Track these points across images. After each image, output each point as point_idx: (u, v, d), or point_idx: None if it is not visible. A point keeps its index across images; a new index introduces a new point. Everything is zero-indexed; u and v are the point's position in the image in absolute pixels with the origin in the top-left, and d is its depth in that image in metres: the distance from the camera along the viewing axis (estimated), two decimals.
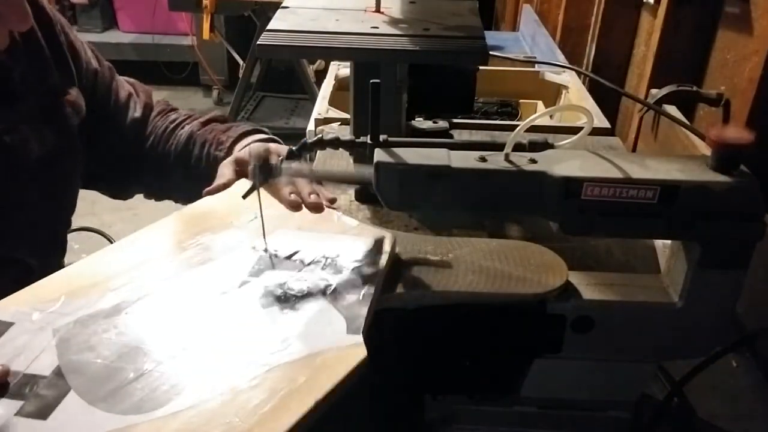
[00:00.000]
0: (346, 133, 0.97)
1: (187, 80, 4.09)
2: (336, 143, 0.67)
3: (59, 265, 0.92)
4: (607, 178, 0.58)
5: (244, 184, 0.76)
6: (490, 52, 0.81)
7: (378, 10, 0.91)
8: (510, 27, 2.76)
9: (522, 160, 0.60)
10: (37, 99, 0.80)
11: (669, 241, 0.67)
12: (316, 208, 0.72)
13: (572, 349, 0.66)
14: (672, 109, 1.10)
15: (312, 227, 0.72)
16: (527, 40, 2.08)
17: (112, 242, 1.07)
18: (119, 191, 1.02)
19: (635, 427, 0.72)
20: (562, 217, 0.60)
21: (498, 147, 0.62)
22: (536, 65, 1.56)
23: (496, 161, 0.60)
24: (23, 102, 0.79)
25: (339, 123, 1.19)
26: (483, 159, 0.61)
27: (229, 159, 0.83)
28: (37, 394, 0.50)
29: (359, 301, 0.61)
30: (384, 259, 0.66)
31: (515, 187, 0.60)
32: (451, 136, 1.02)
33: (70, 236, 0.92)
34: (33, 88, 0.80)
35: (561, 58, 1.69)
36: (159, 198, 1.02)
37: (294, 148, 0.68)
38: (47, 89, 0.82)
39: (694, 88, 1.14)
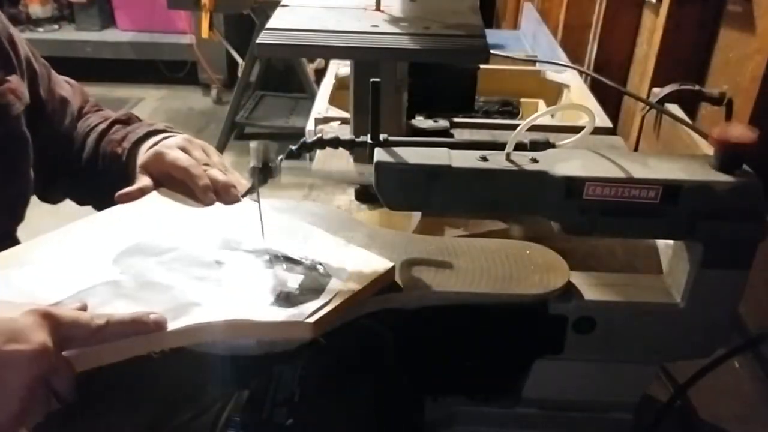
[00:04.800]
0: (345, 133, 0.96)
1: (186, 79, 4.08)
2: (336, 143, 0.67)
3: None
4: (609, 178, 0.57)
5: (155, 196, 0.76)
6: (491, 51, 0.80)
7: (378, 8, 0.91)
8: (511, 25, 2.76)
9: (523, 159, 0.60)
10: None
11: (671, 241, 0.67)
12: (234, 200, 0.74)
13: (574, 349, 0.66)
14: (674, 108, 1.09)
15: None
16: (528, 39, 2.08)
17: None
18: (46, 194, 0.97)
19: (637, 429, 0.72)
20: (564, 217, 0.60)
21: (499, 146, 0.62)
22: (537, 64, 1.56)
23: (497, 161, 0.60)
24: None
25: (339, 122, 1.18)
26: (484, 158, 0.60)
27: (138, 170, 0.80)
28: None
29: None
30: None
31: (516, 186, 0.60)
32: (452, 136, 1.02)
33: None
34: None
35: (562, 57, 1.68)
36: (79, 203, 0.98)
37: (293, 147, 0.68)
38: None
39: (697, 87, 1.13)
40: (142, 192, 0.76)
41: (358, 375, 0.69)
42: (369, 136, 0.64)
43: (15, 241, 0.88)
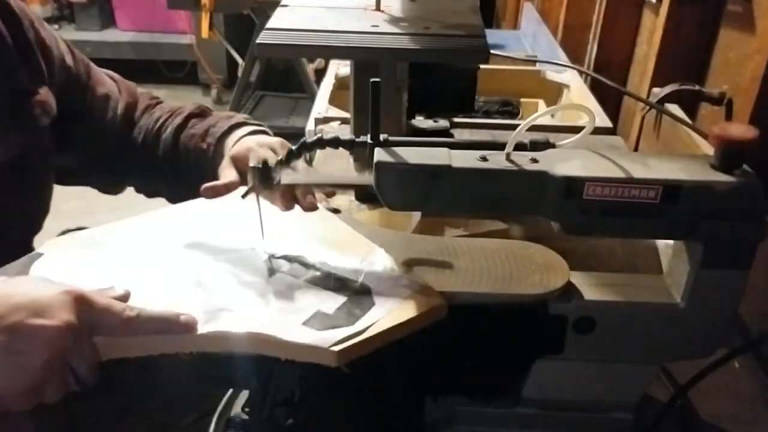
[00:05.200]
0: (345, 133, 0.96)
1: (186, 79, 4.08)
2: (336, 143, 0.67)
3: None
4: (609, 178, 0.57)
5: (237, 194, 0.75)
6: (491, 51, 0.80)
7: (378, 8, 0.91)
8: (511, 25, 2.76)
9: (523, 159, 0.60)
10: (1, 101, 0.77)
11: (671, 241, 0.67)
12: (311, 208, 0.72)
13: (574, 349, 0.66)
14: (674, 108, 1.09)
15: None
16: (528, 39, 2.08)
17: None
18: (109, 187, 1.01)
19: (637, 429, 0.72)
20: (564, 217, 0.60)
21: (499, 146, 0.62)
22: (537, 64, 1.56)
23: (497, 161, 0.60)
24: None
25: (339, 122, 1.18)
26: (484, 158, 0.60)
27: (226, 161, 0.80)
28: None
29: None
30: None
31: (516, 186, 0.60)
32: (452, 136, 1.02)
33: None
34: None
35: (562, 57, 1.68)
36: (149, 195, 1.00)
37: (293, 147, 0.68)
38: (12, 90, 0.79)
39: (697, 87, 1.13)
40: (228, 189, 0.74)
41: (358, 375, 0.69)
42: (369, 136, 0.64)
43: (31, 251, 0.89)
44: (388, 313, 0.59)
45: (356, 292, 0.62)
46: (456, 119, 1.16)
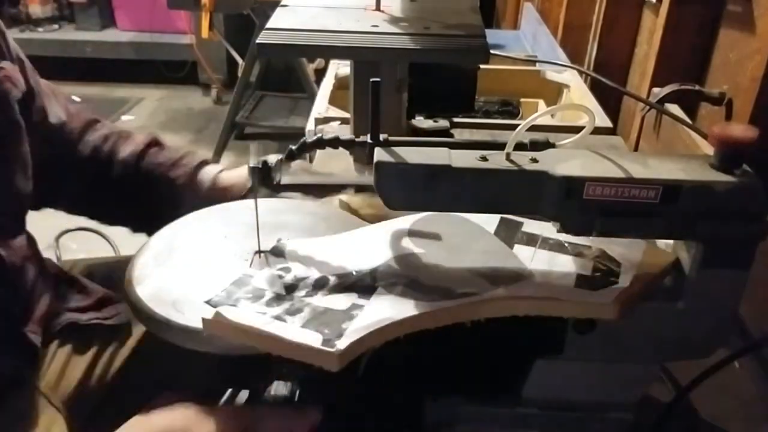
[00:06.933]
0: (345, 133, 0.96)
1: (186, 79, 4.08)
2: (336, 142, 0.67)
3: (34, 254, 0.88)
4: (609, 178, 0.57)
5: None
6: (491, 51, 0.80)
7: (378, 8, 0.91)
8: (511, 25, 2.76)
9: (523, 159, 0.60)
10: None
11: (671, 241, 0.67)
12: None
13: (574, 349, 0.66)
14: (674, 108, 1.09)
15: None
16: (528, 39, 2.08)
17: (110, 243, 1.06)
18: (45, 201, 0.95)
19: (637, 429, 0.72)
20: (564, 217, 0.60)
21: (499, 146, 0.62)
22: (537, 64, 1.56)
23: (497, 161, 0.60)
24: None
25: (339, 122, 1.18)
26: (484, 158, 0.60)
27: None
28: None
29: None
30: None
31: (516, 186, 0.60)
32: (452, 136, 1.02)
33: (68, 236, 0.90)
34: None
35: (562, 57, 1.69)
36: (105, 222, 0.99)
37: (293, 147, 0.68)
38: None
39: (697, 87, 1.13)
40: None
41: (357, 375, 0.69)
42: (369, 135, 0.64)
43: (25, 231, 0.87)
44: (634, 272, 0.63)
45: (596, 257, 0.65)
46: (456, 119, 1.16)
